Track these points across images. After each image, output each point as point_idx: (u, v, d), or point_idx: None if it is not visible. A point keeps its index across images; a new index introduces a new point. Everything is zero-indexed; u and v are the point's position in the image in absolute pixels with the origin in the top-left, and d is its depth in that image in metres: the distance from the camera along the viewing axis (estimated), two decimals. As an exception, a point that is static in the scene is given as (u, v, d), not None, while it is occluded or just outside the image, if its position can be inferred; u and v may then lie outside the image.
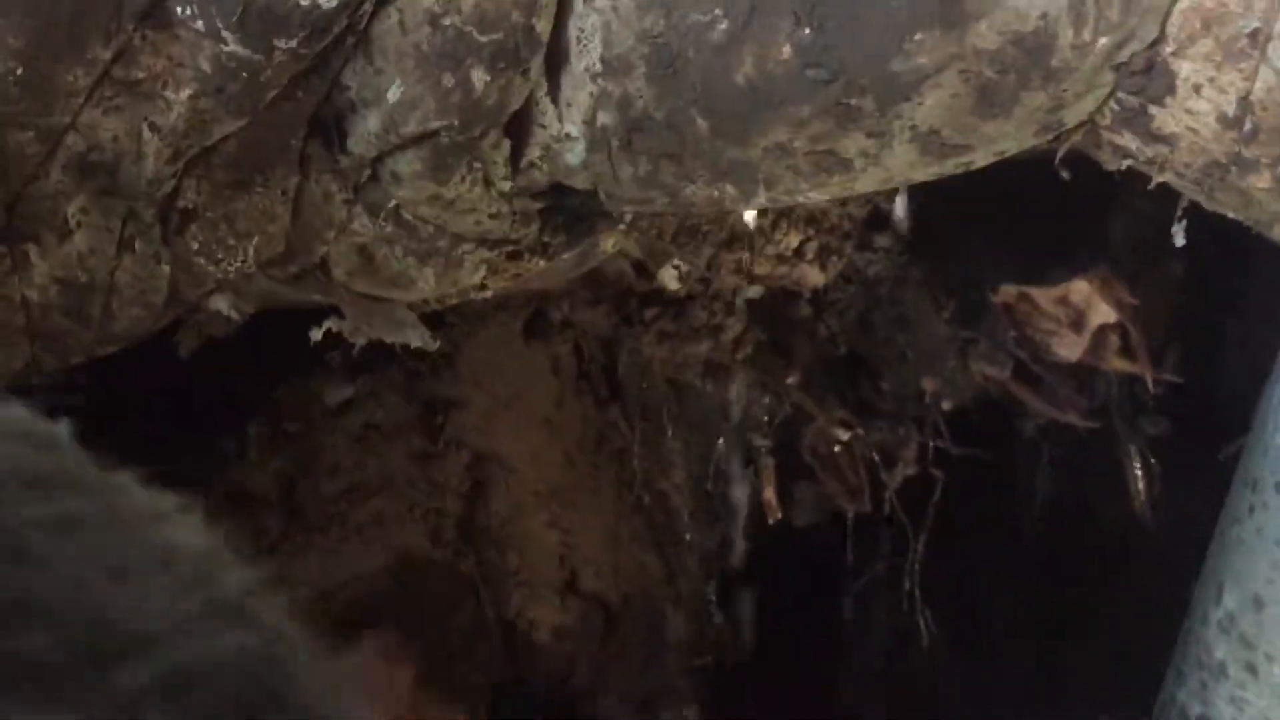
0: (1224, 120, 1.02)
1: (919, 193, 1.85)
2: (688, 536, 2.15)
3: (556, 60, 1.04)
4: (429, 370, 1.90)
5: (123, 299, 1.27)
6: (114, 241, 1.20)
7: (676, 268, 1.60)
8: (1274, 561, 1.65)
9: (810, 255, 1.85)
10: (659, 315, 1.92)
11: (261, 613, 0.39)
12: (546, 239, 1.35)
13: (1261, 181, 1.08)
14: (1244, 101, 1.00)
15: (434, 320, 1.91)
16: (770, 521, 2.05)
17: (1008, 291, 1.78)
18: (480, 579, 2.00)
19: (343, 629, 1.99)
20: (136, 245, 1.22)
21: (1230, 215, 1.28)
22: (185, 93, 1.00)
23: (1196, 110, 1.02)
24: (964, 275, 1.81)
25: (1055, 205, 1.89)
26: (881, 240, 1.85)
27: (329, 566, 1.96)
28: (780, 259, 1.86)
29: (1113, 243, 1.95)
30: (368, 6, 1.00)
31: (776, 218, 1.84)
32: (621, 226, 1.38)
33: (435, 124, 1.02)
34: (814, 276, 1.87)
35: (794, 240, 1.85)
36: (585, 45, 1.02)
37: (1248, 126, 1.02)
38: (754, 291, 1.89)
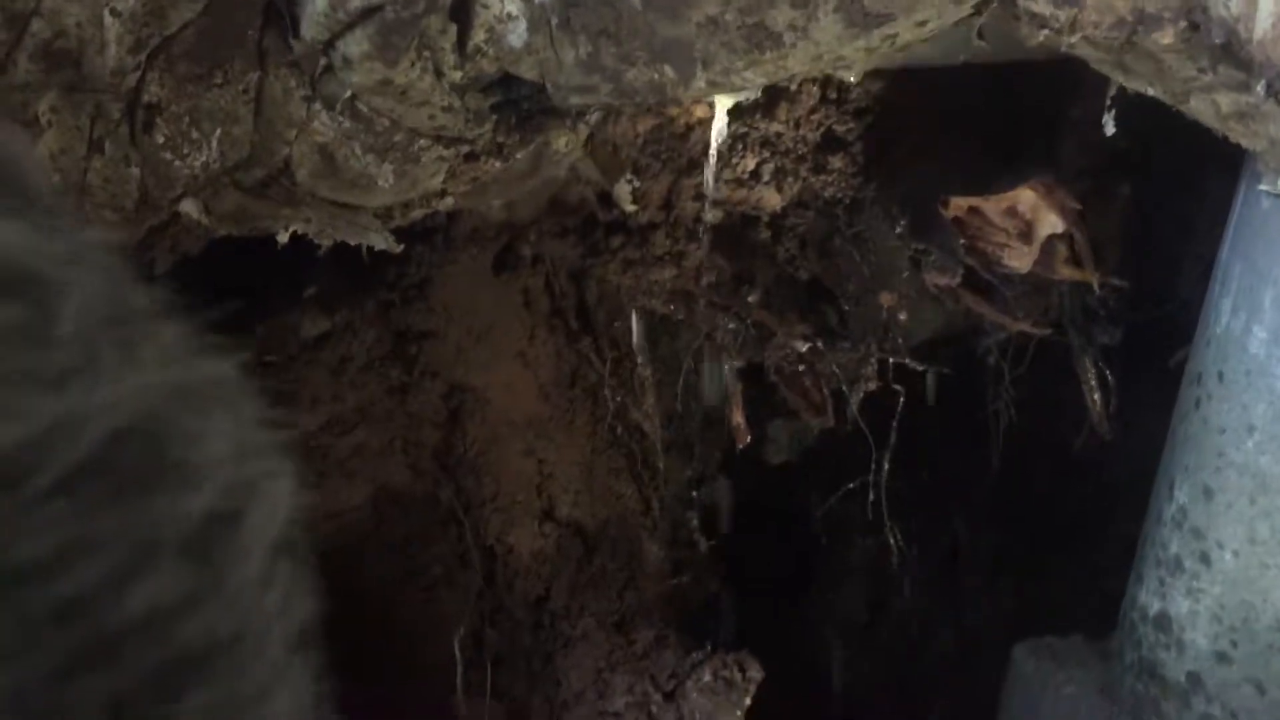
0: (1124, -27, 1.08)
1: (871, 112, 1.91)
2: (661, 466, 2.20)
3: (493, -65, 1.10)
4: (401, 301, 1.96)
5: (95, 201, 1.33)
6: (84, 140, 1.26)
7: (630, 182, 1.65)
8: (1220, 450, 1.70)
9: (767, 177, 1.91)
10: (624, 244, 1.98)
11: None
12: (500, 139, 1.41)
13: (1166, 38, 1.14)
14: (1140, -49, 1.06)
15: (404, 253, 1.96)
16: (740, 446, 2.10)
17: (957, 205, 1.84)
18: (459, 507, 2.05)
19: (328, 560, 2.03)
20: (106, 146, 1.28)
21: (1149, 92, 1.34)
22: (143, -26, 1.07)
23: (1098, -36, 1.08)
24: (916, 190, 1.87)
25: (1005, 124, 1.96)
26: (835, 162, 1.91)
27: (312, 502, 2.01)
28: (738, 182, 1.92)
29: (1062, 164, 2.01)
30: (314, -110, 1.07)
31: (733, 141, 1.90)
32: (572, 126, 1.44)
33: (380, -3, 1.08)
34: (771, 199, 1.93)
35: (750, 163, 1.91)
36: (519, -82, 1.09)
37: (1147, -22, 1.08)
38: (714, 217, 1.94)
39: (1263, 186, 1.50)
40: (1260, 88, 1.09)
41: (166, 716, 0.34)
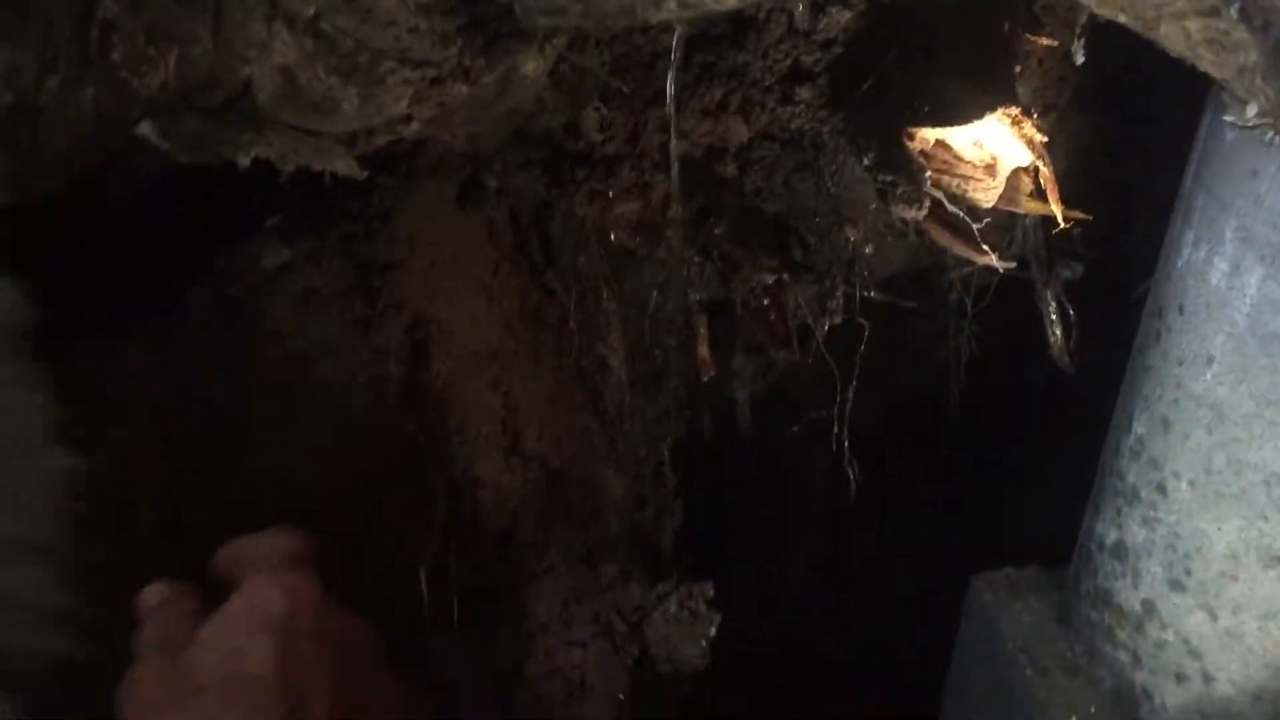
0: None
1: (838, 43, 1.90)
2: (626, 401, 2.20)
3: None
4: (364, 233, 1.94)
5: (49, 122, 1.30)
6: (37, 58, 1.22)
7: (598, 110, 1.64)
8: (1178, 382, 1.72)
9: (734, 108, 1.90)
10: (589, 175, 1.96)
11: None
12: (467, 62, 1.39)
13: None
14: None
15: (367, 184, 1.94)
16: (704, 379, 2.11)
17: (924, 138, 1.84)
18: (425, 441, 2.05)
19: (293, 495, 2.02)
20: (59, 65, 1.25)
21: (1120, 19, 1.34)
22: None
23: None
24: (883, 122, 1.86)
25: (972, 55, 1.95)
26: (803, 93, 1.90)
27: (276, 437, 2.00)
28: (705, 113, 1.91)
29: (1022, 99, 2.01)
30: None
31: (699, 71, 1.89)
32: (540, 50, 1.42)
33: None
34: (739, 130, 1.92)
35: (718, 94, 1.89)
36: None
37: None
38: (680, 148, 1.93)
39: (1228, 117, 1.50)
40: (1234, 10, 1.09)
41: None
